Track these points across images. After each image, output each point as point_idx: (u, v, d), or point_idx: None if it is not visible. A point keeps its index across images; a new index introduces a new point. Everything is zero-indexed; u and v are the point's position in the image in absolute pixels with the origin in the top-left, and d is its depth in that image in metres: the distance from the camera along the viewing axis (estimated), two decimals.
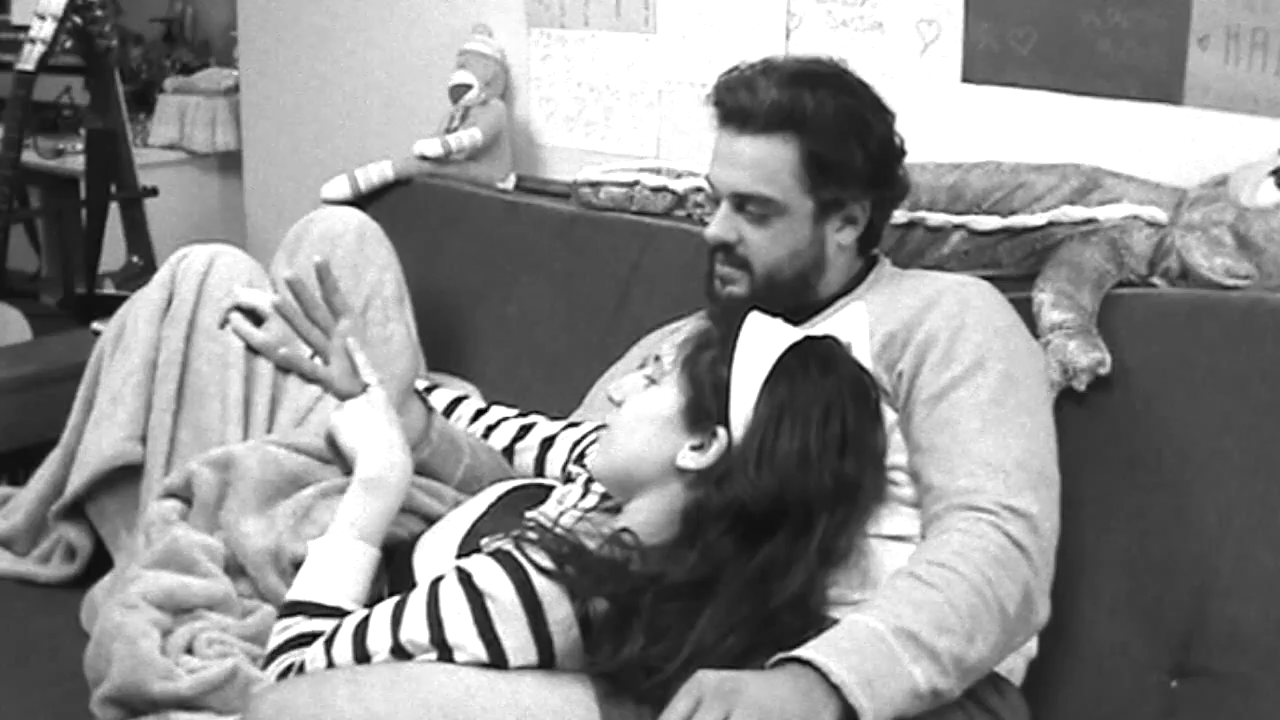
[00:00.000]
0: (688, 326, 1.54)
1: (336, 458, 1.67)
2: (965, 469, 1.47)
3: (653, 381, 1.53)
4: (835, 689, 1.26)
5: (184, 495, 1.77)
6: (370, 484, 1.58)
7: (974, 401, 1.52)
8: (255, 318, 1.93)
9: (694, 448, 1.45)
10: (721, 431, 1.44)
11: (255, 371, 1.95)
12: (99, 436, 1.92)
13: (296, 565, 1.57)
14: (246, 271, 2.02)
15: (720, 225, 1.71)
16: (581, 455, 1.77)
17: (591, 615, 1.35)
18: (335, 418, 1.64)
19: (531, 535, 1.39)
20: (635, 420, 1.51)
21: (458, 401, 1.98)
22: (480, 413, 1.96)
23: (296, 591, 1.51)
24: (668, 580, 1.35)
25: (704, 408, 1.46)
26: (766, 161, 1.66)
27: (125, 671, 1.51)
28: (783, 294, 1.70)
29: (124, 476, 1.91)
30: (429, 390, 2.00)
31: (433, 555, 1.58)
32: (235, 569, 1.67)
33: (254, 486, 1.71)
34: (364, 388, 1.66)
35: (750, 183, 1.67)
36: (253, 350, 1.92)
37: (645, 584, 1.35)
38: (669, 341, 1.55)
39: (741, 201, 1.69)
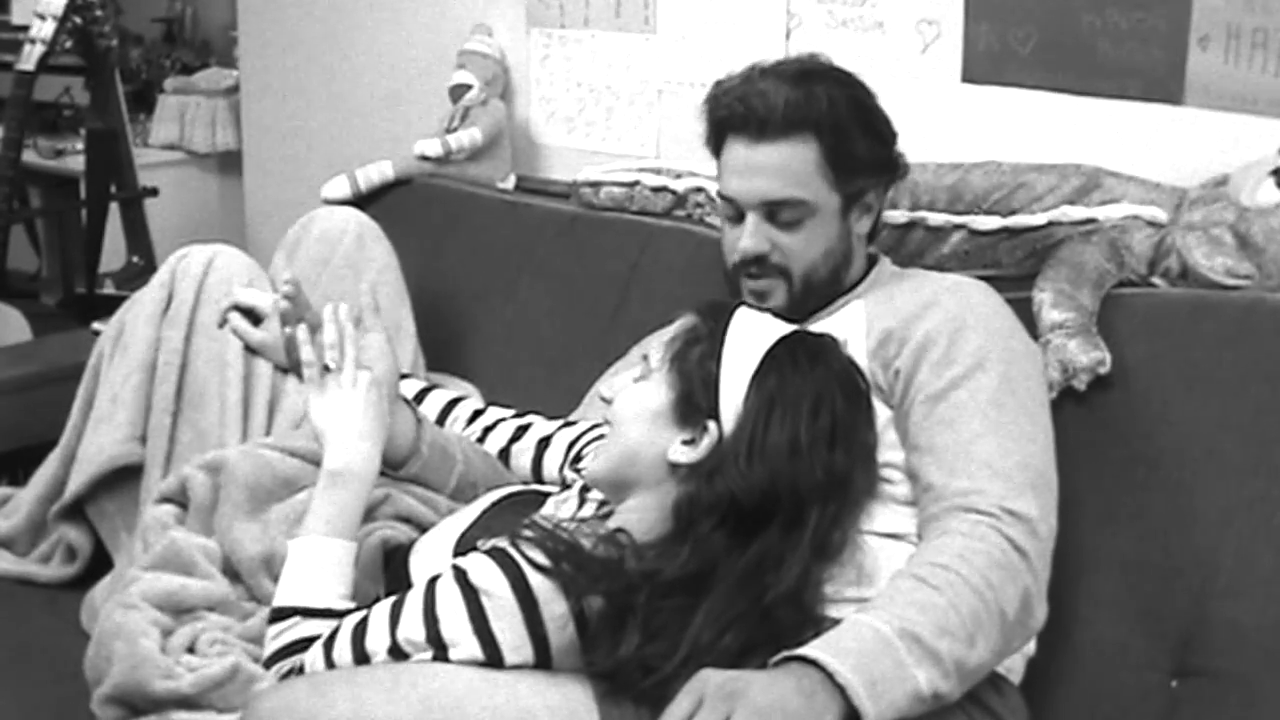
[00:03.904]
0: (675, 325, 1.54)
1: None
2: (965, 470, 1.47)
3: (642, 379, 1.53)
4: (839, 689, 1.26)
5: (179, 500, 1.76)
6: (337, 476, 1.58)
7: (974, 403, 1.51)
8: (254, 317, 1.93)
9: (685, 442, 1.46)
10: (712, 425, 1.45)
11: (254, 372, 1.94)
12: (99, 437, 1.91)
13: None
14: (245, 271, 2.01)
15: (753, 238, 1.67)
16: (578, 457, 1.77)
17: (587, 613, 1.34)
18: (311, 398, 1.64)
19: (527, 533, 1.39)
20: (627, 417, 1.51)
21: (454, 403, 1.98)
22: (477, 414, 1.96)
23: (283, 596, 1.51)
24: (662, 577, 1.35)
25: (694, 402, 1.46)
26: (791, 165, 1.65)
27: (126, 670, 1.51)
28: (817, 294, 1.70)
29: (124, 477, 1.90)
30: (427, 391, 2.00)
31: (428, 561, 1.58)
32: (232, 572, 1.67)
33: (246, 490, 1.70)
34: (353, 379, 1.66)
35: (780, 189, 1.66)
36: (251, 350, 1.92)
37: (640, 581, 1.35)
38: (658, 339, 1.55)
39: (773, 210, 1.67)
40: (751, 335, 1.49)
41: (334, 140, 3.16)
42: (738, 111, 1.68)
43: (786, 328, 1.52)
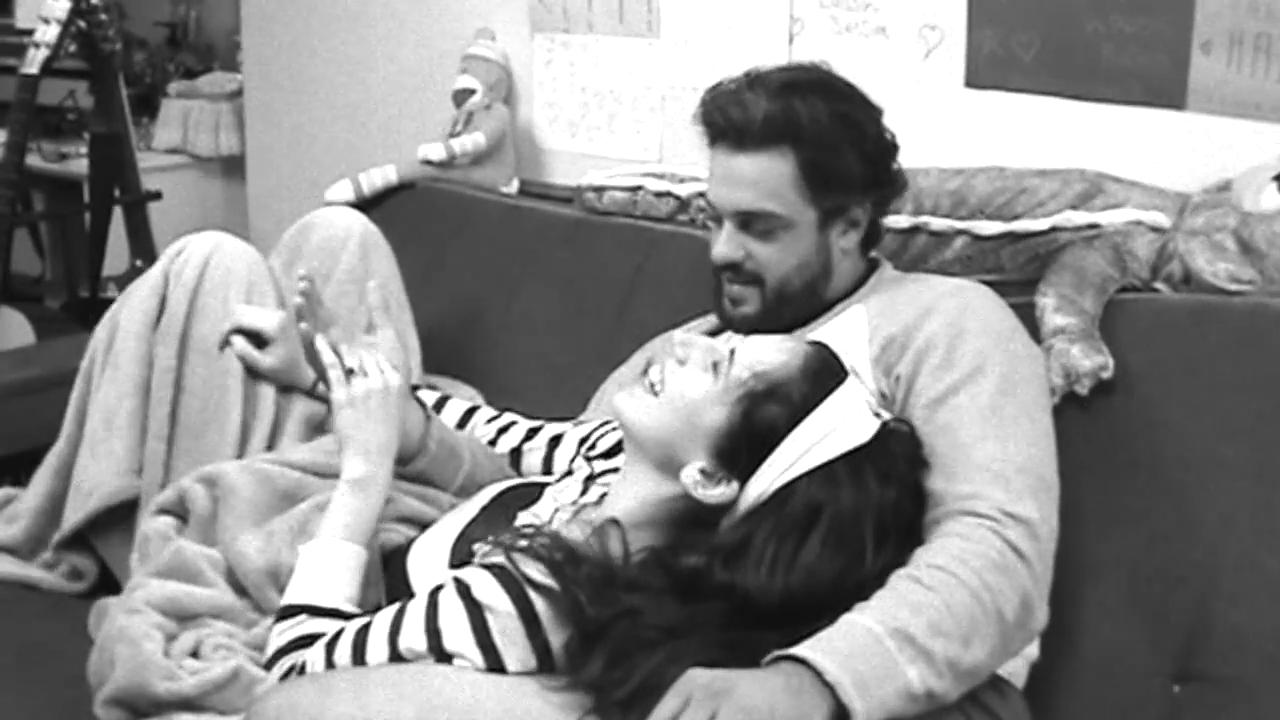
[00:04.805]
0: (782, 349, 1.46)
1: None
2: (965, 474, 1.46)
3: (714, 370, 1.45)
4: (828, 688, 1.25)
5: (178, 512, 1.74)
6: (357, 485, 1.58)
7: (974, 406, 1.51)
8: (258, 338, 1.87)
9: (703, 472, 1.42)
10: (735, 486, 1.41)
11: (255, 394, 1.87)
12: (96, 467, 1.85)
13: None
14: (245, 271, 1.92)
15: (727, 245, 1.70)
16: (592, 446, 1.76)
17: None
18: (338, 401, 1.63)
19: (523, 543, 1.38)
20: (675, 399, 1.45)
21: (472, 411, 1.98)
22: (493, 419, 1.96)
23: (291, 595, 1.52)
24: (646, 620, 1.32)
25: (736, 452, 1.41)
26: (766, 177, 1.66)
27: (129, 673, 1.50)
28: (793, 305, 1.71)
29: (126, 504, 1.84)
30: (444, 401, 1.99)
31: (426, 560, 1.58)
32: (237, 585, 1.65)
33: (247, 503, 1.68)
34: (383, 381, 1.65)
35: (752, 200, 1.67)
36: (253, 373, 1.86)
37: (623, 617, 1.32)
38: (749, 346, 1.47)
39: (746, 220, 1.69)
40: (835, 430, 1.39)
41: (337, 144, 3.16)
42: (717, 121, 1.69)
43: (872, 429, 1.41)
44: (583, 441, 1.81)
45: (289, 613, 1.50)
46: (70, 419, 1.93)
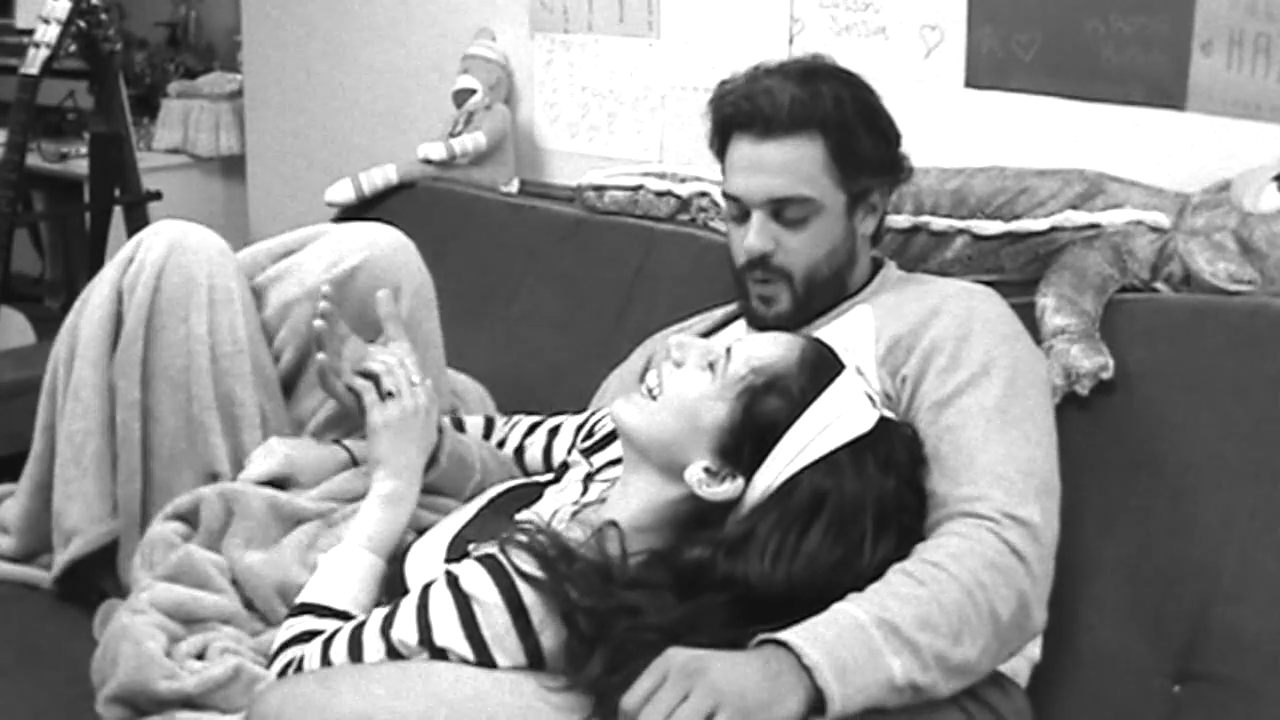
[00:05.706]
0: (778, 344, 1.46)
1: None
2: (969, 476, 1.46)
3: (711, 369, 1.45)
4: (808, 672, 1.25)
5: (190, 518, 1.72)
6: (387, 499, 1.60)
7: (979, 409, 1.51)
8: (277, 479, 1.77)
9: (707, 470, 1.42)
10: (740, 482, 1.40)
11: (235, 417, 1.78)
12: (72, 508, 1.79)
13: None
14: (205, 276, 1.79)
15: (758, 237, 1.68)
16: (590, 434, 1.76)
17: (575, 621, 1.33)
18: (376, 423, 1.64)
19: (520, 537, 1.38)
20: (674, 402, 1.45)
21: (490, 425, 1.98)
22: (504, 423, 1.97)
23: (305, 595, 1.53)
24: (645, 620, 1.32)
25: (739, 448, 1.41)
26: (798, 162, 1.66)
27: (130, 670, 1.50)
28: (821, 296, 1.71)
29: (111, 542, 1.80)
30: (458, 425, 1.98)
31: (422, 562, 1.58)
32: (243, 596, 1.64)
33: (258, 526, 1.66)
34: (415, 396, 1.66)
35: (786, 186, 1.66)
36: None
37: (621, 615, 1.32)
38: (742, 343, 1.47)
39: (779, 208, 1.68)
40: (836, 420, 1.39)
41: (338, 144, 3.17)
42: (744, 109, 1.68)
43: (872, 419, 1.41)
44: (579, 429, 1.81)
45: (297, 611, 1.51)
46: (39, 437, 1.87)
